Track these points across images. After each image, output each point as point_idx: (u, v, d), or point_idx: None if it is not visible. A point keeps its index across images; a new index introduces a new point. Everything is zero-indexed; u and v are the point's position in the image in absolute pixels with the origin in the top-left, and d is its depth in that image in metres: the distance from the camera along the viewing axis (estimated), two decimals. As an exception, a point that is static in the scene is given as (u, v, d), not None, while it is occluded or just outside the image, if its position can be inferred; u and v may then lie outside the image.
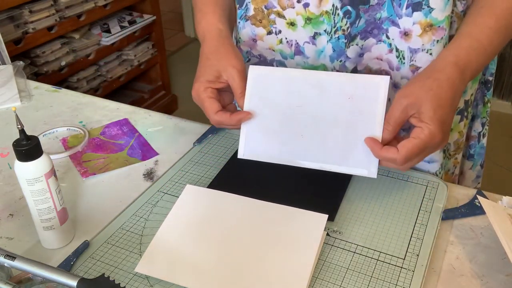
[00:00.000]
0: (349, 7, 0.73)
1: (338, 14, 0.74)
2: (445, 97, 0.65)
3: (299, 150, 0.72)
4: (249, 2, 0.80)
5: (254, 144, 0.74)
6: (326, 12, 0.74)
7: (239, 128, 0.75)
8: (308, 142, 0.72)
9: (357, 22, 0.74)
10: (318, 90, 0.71)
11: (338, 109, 0.70)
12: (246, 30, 0.83)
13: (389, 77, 0.69)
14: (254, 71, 0.74)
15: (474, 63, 0.68)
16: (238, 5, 0.82)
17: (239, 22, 0.83)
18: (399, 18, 0.72)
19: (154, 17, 2.41)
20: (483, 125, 0.90)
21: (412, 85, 0.67)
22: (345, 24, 0.74)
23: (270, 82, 0.73)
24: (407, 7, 0.71)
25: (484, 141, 0.92)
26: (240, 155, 0.75)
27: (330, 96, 0.71)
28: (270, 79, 0.73)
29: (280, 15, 0.78)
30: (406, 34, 0.73)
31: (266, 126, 0.74)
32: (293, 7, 0.76)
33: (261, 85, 0.73)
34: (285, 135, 0.73)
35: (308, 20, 0.76)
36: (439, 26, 0.72)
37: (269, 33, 0.81)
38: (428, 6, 0.71)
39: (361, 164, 0.70)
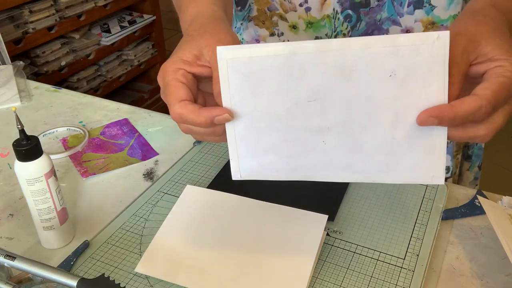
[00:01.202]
0: (349, 11, 0.73)
1: (339, 19, 0.74)
2: (503, 29, 0.51)
3: (320, 162, 0.54)
4: (252, 3, 0.80)
5: (252, 160, 0.55)
6: (328, 16, 0.74)
7: (217, 136, 0.54)
8: (333, 150, 0.53)
9: (358, 25, 0.74)
10: (339, 72, 0.49)
11: (375, 95, 0.50)
12: (249, 30, 0.83)
13: (448, 32, 0.47)
14: (227, 52, 0.50)
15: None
16: (239, 7, 0.82)
17: (241, 24, 0.83)
18: (400, 17, 0.73)
19: (154, 17, 2.41)
20: None
21: (461, 22, 0.52)
22: (346, 28, 0.74)
23: (258, 68, 0.50)
24: (408, 5, 0.71)
25: None
26: (235, 177, 0.56)
27: (359, 79, 0.49)
28: (257, 64, 0.50)
29: (283, 18, 0.78)
30: (408, 32, 0.73)
31: (262, 133, 0.53)
32: (295, 11, 0.76)
33: (245, 73, 0.51)
34: (295, 145, 0.53)
35: (310, 24, 0.76)
36: (442, 25, 0.72)
37: (272, 34, 0.81)
38: (430, 4, 0.71)
39: (418, 167, 0.52)
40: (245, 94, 0.51)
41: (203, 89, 0.55)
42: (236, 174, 0.56)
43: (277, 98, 0.51)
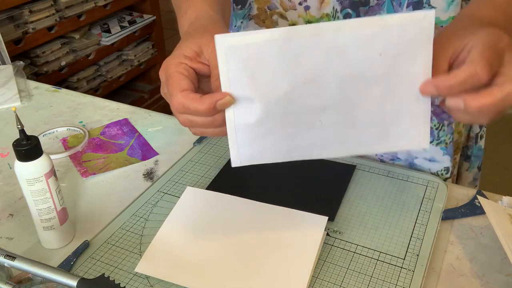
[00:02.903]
0: (349, 10, 0.73)
1: (338, 17, 0.74)
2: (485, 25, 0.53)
3: (318, 140, 0.56)
4: (252, 2, 0.80)
5: (251, 145, 0.56)
6: (327, 15, 0.74)
7: (216, 126, 0.55)
8: (329, 128, 0.56)
9: None
10: (333, 54, 0.52)
11: (367, 73, 0.53)
12: (249, 29, 0.83)
13: (434, 11, 0.50)
14: (225, 40, 0.51)
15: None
16: (239, 6, 0.82)
17: (241, 22, 0.83)
18: None
19: (154, 17, 2.41)
20: (480, 126, 0.90)
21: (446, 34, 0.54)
22: None
23: (255, 54, 0.52)
24: (407, 6, 0.71)
25: (481, 143, 0.92)
26: (234, 163, 0.57)
27: (351, 59, 0.52)
28: (254, 50, 0.51)
29: (283, 16, 0.78)
30: None
31: (261, 118, 0.54)
32: (295, 9, 0.76)
33: (243, 59, 0.52)
34: (293, 127, 0.55)
35: (309, 23, 0.76)
36: (442, 26, 0.72)
37: None
38: (429, 5, 0.70)
39: (407, 135, 0.56)
40: (243, 80, 0.52)
41: (202, 87, 0.56)
42: (236, 160, 0.57)
43: (275, 82, 0.53)
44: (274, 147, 0.56)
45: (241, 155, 0.57)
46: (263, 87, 0.53)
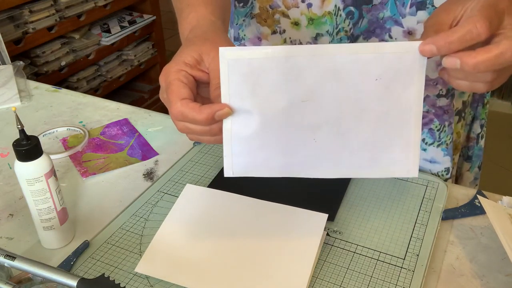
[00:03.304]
0: (351, 8, 0.73)
1: (340, 15, 0.74)
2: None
3: (311, 159, 0.57)
4: (254, 0, 0.80)
5: (245, 157, 0.57)
6: (329, 12, 0.74)
7: (213, 135, 0.56)
8: (323, 147, 0.57)
9: (360, 22, 0.74)
10: (331, 75, 0.53)
11: (363, 96, 0.54)
12: (251, 27, 0.83)
13: (419, 43, 0.52)
14: (229, 53, 0.52)
15: None
16: (241, 4, 0.82)
17: (244, 20, 0.83)
18: (402, 18, 0.72)
19: (154, 17, 2.41)
20: (481, 126, 0.90)
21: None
22: (348, 25, 0.74)
23: (257, 69, 0.53)
24: (411, 6, 0.71)
25: (482, 143, 0.92)
26: (227, 173, 0.58)
27: (349, 82, 0.54)
28: (256, 65, 0.53)
29: (285, 15, 0.78)
30: (410, 33, 0.73)
31: (258, 131, 0.55)
32: (298, 7, 0.76)
33: (245, 73, 0.53)
34: (288, 143, 0.56)
35: (311, 20, 0.76)
36: None
37: (274, 32, 0.81)
38: (433, 5, 0.70)
39: (397, 161, 0.57)
40: (243, 94, 0.54)
41: (201, 94, 0.57)
42: (229, 171, 0.58)
43: (274, 97, 0.54)
44: (267, 161, 0.57)
45: (234, 166, 0.58)
46: (262, 101, 0.54)
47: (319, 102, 0.54)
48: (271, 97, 0.54)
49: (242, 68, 0.53)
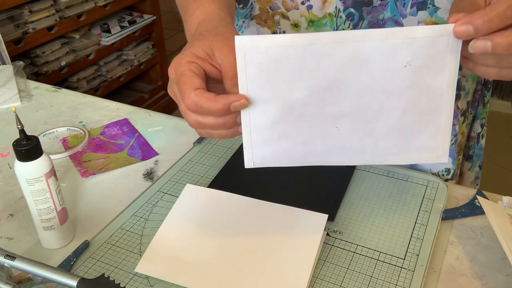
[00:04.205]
0: (352, 10, 0.73)
1: (341, 17, 0.74)
2: None
3: (333, 148, 0.56)
4: (254, 2, 0.80)
5: (266, 147, 0.56)
6: (329, 14, 0.74)
7: (227, 128, 0.54)
8: (346, 135, 0.55)
9: (360, 24, 0.74)
10: (355, 62, 0.51)
11: (390, 84, 0.52)
12: (251, 28, 0.83)
13: (453, 25, 0.49)
14: (245, 43, 0.50)
15: None
16: (241, 5, 0.82)
17: (243, 21, 0.83)
18: (403, 18, 0.72)
19: (154, 17, 2.41)
20: (482, 126, 0.90)
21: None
22: (348, 27, 0.74)
23: (275, 57, 0.51)
24: (411, 7, 0.71)
25: (482, 142, 0.92)
26: (248, 164, 0.57)
27: (375, 69, 0.51)
28: (274, 53, 0.51)
29: (285, 16, 0.78)
30: None
31: (277, 121, 0.54)
32: (297, 9, 0.76)
33: (262, 62, 0.51)
34: (309, 132, 0.55)
35: (311, 22, 0.76)
36: None
37: (273, 33, 0.81)
38: (433, 6, 0.70)
39: (425, 148, 0.55)
40: (261, 83, 0.52)
41: (210, 90, 0.55)
42: (249, 162, 0.57)
43: (293, 86, 0.52)
44: (288, 151, 0.56)
45: (255, 156, 0.57)
46: (281, 90, 0.53)
47: (342, 90, 0.52)
48: (290, 86, 0.52)
49: (259, 57, 0.51)
